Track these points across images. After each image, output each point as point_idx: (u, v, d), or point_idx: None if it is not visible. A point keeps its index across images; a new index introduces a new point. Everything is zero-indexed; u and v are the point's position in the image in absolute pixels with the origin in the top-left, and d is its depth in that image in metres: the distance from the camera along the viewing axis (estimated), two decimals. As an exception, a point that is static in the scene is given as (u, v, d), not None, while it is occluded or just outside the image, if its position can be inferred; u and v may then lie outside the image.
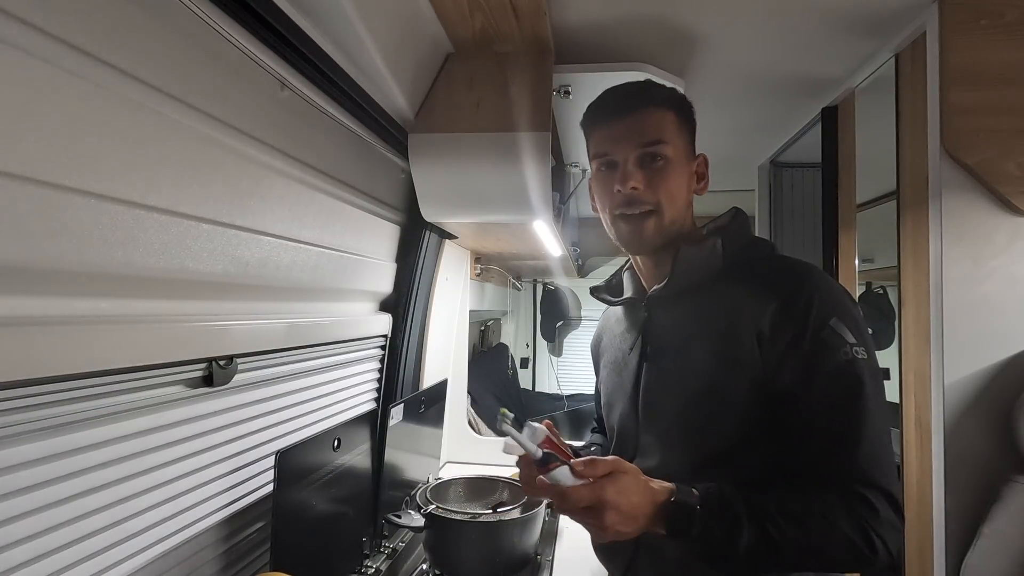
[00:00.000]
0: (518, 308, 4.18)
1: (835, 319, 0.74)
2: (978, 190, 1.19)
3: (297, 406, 1.14)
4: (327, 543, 1.03)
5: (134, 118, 0.64)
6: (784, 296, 0.77)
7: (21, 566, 0.60)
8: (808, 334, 0.74)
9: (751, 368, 0.76)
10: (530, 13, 1.12)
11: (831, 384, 0.73)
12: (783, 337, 0.75)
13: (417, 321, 1.60)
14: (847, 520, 0.68)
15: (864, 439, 0.70)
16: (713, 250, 0.84)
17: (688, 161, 0.87)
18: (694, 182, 0.88)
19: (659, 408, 0.85)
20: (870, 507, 0.68)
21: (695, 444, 0.81)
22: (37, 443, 0.62)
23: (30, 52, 0.51)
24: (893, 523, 0.69)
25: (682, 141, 0.86)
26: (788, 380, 0.74)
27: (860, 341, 0.74)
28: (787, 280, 0.79)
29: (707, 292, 0.83)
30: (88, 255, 0.61)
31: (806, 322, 0.74)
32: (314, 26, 0.85)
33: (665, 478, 0.75)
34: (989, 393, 1.17)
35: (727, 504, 0.69)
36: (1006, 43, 1.17)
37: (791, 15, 1.29)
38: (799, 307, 0.75)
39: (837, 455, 0.71)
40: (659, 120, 0.84)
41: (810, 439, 0.73)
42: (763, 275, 0.81)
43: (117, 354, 0.67)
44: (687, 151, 0.87)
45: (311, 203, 1.02)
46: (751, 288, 0.79)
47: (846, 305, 0.77)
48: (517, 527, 1.13)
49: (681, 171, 0.85)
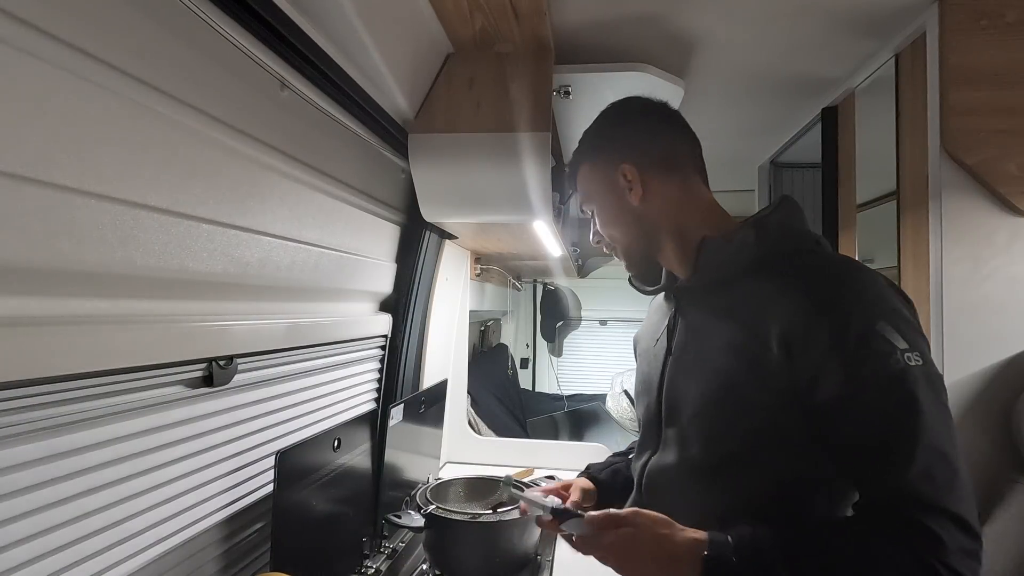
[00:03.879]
0: (518, 308, 4.18)
1: (882, 322, 0.66)
2: (978, 190, 1.19)
3: (297, 406, 1.14)
4: (327, 543, 1.03)
5: (134, 118, 0.64)
6: (820, 296, 0.69)
7: (21, 566, 0.60)
8: (850, 340, 0.65)
9: (777, 374, 0.69)
10: (530, 13, 1.12)
11: (880, 396, 0.64)
12: (818, 343, 0.67)
13: (417, 321, 1.60)
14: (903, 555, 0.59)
15: (918, 457, 0.61)
16: (744, 243, 0.79)
17: (611, 188, 0.87)
18: (626, 196, 0.86)
19: (680, 404, 0.81)
20: (932, 537, 0.58)
21: (713, 448, 0.76)
22: (37, 443, 0.61)
23: (30, 52, 0.51)
24: (965, 550, 0.59)
25: (596, 184, 0.90)
26: (828, 392, 0.66)
27: (913, 346, 0.65)
28: (824, 277, 0.71)
29: (737, 287, 0.78)
30: (88, 255, 0.61)
31: (847, 326, 0.66)
32: (314, 26, 0.85)
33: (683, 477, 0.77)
34: (989, 393, 1.17)
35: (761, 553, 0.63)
36: (1006, 43, 1.17)
37: (791, 15, 1.29)
38: (838, 309, 0.67)
39: (887, 476, 0.62)
40: (580, 180, 0.93)
41: (857, 459, 0.66)
42: (799, 271, 0.73)
43: (117, 354, 0.67)
44: (604, 185, 0.88)
45: (311, 203, 1.02)
46: (784, 285, 0.72)
47: (895, 305, 0.68)
48: (517, 527, 1.13)
49: (608, 207, 0.89)
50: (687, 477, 0.78)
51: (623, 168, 0.85)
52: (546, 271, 3.43)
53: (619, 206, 0.87)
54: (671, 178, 0.86)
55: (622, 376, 3.19)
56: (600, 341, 4.30)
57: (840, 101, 1.70)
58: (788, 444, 0.71)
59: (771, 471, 0.72)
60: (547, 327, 4.08)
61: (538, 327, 4.17)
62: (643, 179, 0.85)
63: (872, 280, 0.70)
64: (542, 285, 4.07)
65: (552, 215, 1.30)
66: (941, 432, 0.62)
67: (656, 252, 0.88)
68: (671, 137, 0.88)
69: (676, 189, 0.86)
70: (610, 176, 0.87)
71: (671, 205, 0.85)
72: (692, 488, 0.78)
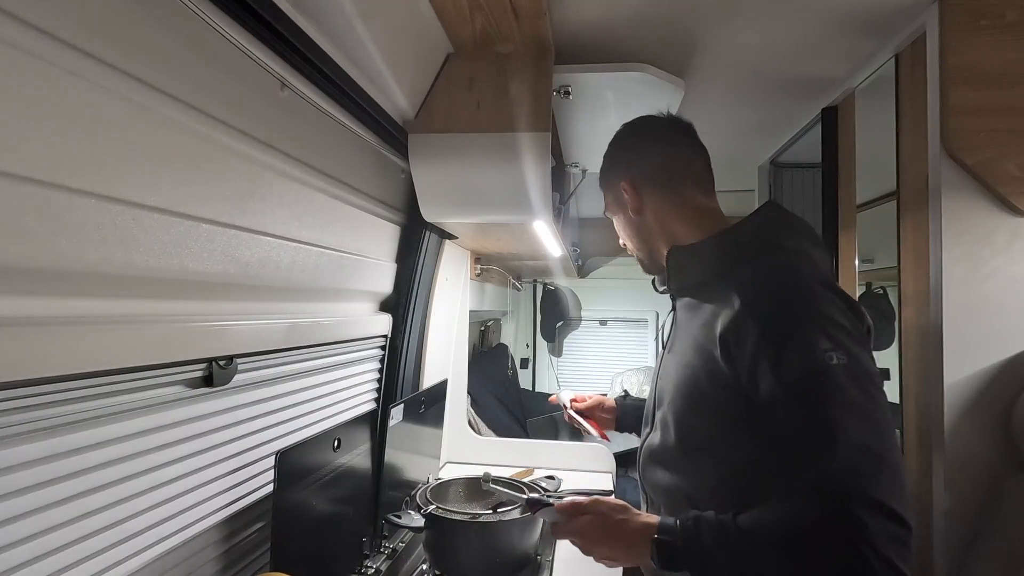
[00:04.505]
0: (518, 308, 4.18)
1: (806, 325, 0.72)
2: (978, 190, 1.19)
3: (297, 406, 1.14)
4: (327, 543, 1.03)
5: (134, 118, 0.64)
6: (750, 300, 0.76)
7: (21, 566, 0.60)
8: (774, 341, 0.72)
9: (723, 371, 0.77)
10: (530, 13, 1.12)
11: (802, 394, 0.69)
12: (747, 344, 0.74)
13: (417, 321, 1.60)
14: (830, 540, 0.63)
15: (838, 448, 0.65)
16: (704, 251, 0.89)
17: (618, 204, 1.01)
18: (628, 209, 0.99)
19: (664, 393, 0.91)
20: (854, 521, 0.61)
21: (682, 433, 0.86)
22: (37, 443, 0.61)
23: (30, 52, 0.51)
24: (889, 535, 0.61)
25: (610, 198, 1.04)
26: (762, 390, 0.72)
27: (837, 345, 0.69)
28: (758, 283, 0.78)
29: (703, 291, 0.88)
30: (88, 255, 0.61)
31: (771, 328, 0.73)
32: (314, 26, 0.85)
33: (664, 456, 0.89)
34: (989, 393, 1.17)
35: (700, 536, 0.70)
36: (1006, 43, 1.17)
37: (791, 15, 1.29)
38: (764, 313, 0.74)
39: (810, 468, 0.67)
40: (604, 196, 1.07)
41: (789, 452, 0.70)
42: (745, 276, 0.80)
43: (117, 354, 0.67)
44: (614, 198, 1.03)
45: (311, 203, 1.02)
46: (732, 289, 0.79)
47: (823, 311, 0.73)
48: (517, 527, 1.13)
49: (618, 218, 1.04)
50: (666, 457, 0.89)
51: (622, 185, 0.99)
52: (546, 271, 3.43)
53: (625, 218, 1.01)
54: (664, 191, 0.96)
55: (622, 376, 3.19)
56: (600, 341, 4.30)
57: (840, 101, 1.70)
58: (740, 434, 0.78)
59: (728, 457, 0.80)
60: (547, 327, 4.08)
61: (538, 327, 4.17)
62: (638, 194, 0.97)
63: (805, 287, 0.76)
64: (542, 285, 4.06)
65: (552, 215, 1.30)
66: (865, 426, 0.66)
67: (659, 256, 0.98)
68: (667, 153, 0.98)
69: (668, 200, 0.96)
70: (617, 192, 1.01)
71: (664, 215, 0.96)
72: (669, 467, 0.89)
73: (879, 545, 0.60)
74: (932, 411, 1.21)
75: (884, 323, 2.83)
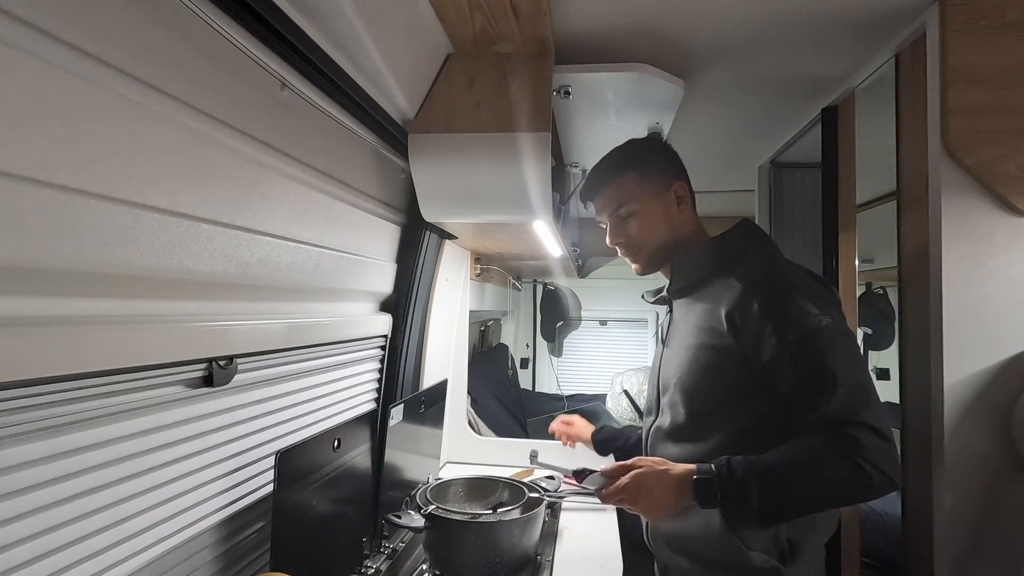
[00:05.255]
0: (518, 308, 4.18)
1: (797, 296, 0.90)
2: (978, 190, 1.19)
3: (297, 406, 1.14)
4: (327, 543, 1.03)
5: (134, 118, 0.64)
6: (751, 281, 0.95)
7: (21, 566, 0.60)
8: (774, 310, 0.89)
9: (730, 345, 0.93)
10: (530, 14, 1.12)
11: (804, 349, 0.87)
12: (752, 316, 0.91)
13: (417, 321, 1.60)
14: (835, 457, 0.81)
15: (839, 388, 0.83)
16: (705, 254, 1.06)
17: (659, 198, 1.07)
18: (674, 207, 1.08)
19: (668, 380, 1.05)
20: (852, 441, 0.80)
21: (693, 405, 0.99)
22: (37, 443, 0.61)
23: (30, 52, 0.51)
24: (879, 449, 0.80)
25: (647, 189, 1.08)
26: (767, 353, 0.89)
27: (823, 311, 0.89)
28: (755, 270, 0.97)
29: (705, 286, 1.03)
30: (88, 255, 0.61)
31: (771, 300, 0.91)
32: (314, 26, 0.85)
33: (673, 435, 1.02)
34: (989, 393, 1.17)
35: (733, 472, 0.85)
36: (1006, 43, 1.17)
37: (791, 16, 1.29)
38: (763, 290, 0.92)
39: (818, 406, 0.84)
40: (621, 187, 1.09)
41: (797, 398, 0.87)
42: (742, 269, 0.98)
43: (117, 354, 0.67)
44: (656, 191, 1.08)
45: (311, 203, 1.02)
46: (731, 279, 0.97)
47: (806, 284, 0.94)
48: (517, 527, 1.13)
49: (652, 213, 1.07)
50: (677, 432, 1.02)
51: (677, 185, 1.08)
52: (546, 271, 3.43)
53: (664, 215, 1.07)
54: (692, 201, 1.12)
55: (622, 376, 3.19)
56: (600, 341, 4.30)
57: (840, 101, 1.70)
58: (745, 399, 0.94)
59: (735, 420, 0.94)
60: (547, 327, 4.08)
61: (538, 327, 4.17)
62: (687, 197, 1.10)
63: (792, 271, 0.98)
64: (542, 285, 4.07)
65: (552, 215, 1.30)
66: (854, 367, 0.86)
67: (670, 256, 1.09)
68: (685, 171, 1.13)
69: (692, 209, 1.12)
70: (661, 188, 1.07)
71: (689, 221, 1.10)
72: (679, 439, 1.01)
73: (872, 457, 0.79)
74: (932, 411, 1.21)
75: (884, 323, 2.84)
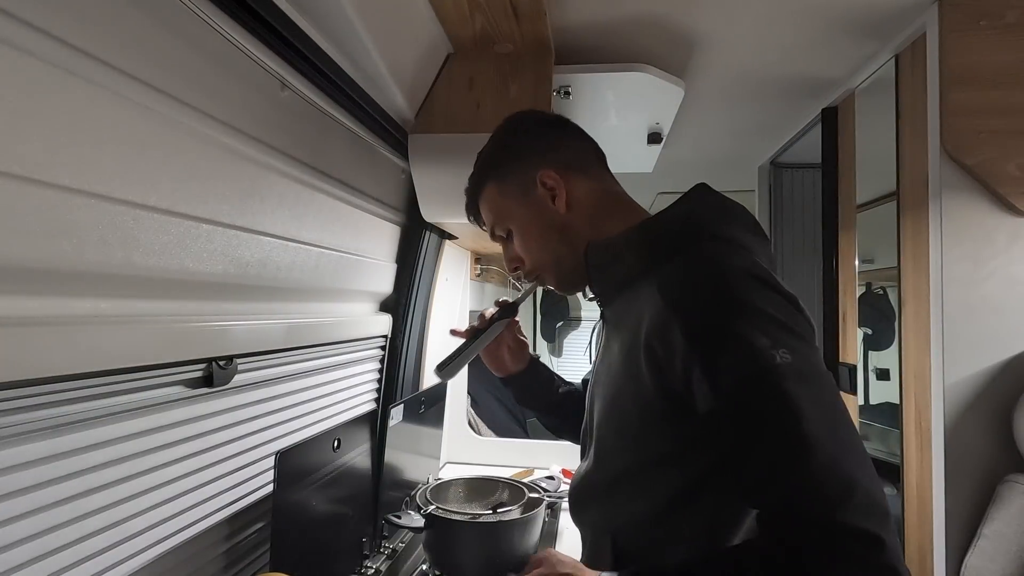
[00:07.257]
0: (518, 308, 4.18)
1: (738, 320, 0.58)
2: (978, 191, 1.19)
3: (297, 406, 1.14)
4: (327, 543, 1.03)
5: (134, 118, 0.63)
6: (672, 296, 0.63)
7: (21, 566, 0.60)
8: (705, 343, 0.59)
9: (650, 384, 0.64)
10: (530, 14, 1.12)
11: (747, 404, 0.56)
12: (675, 348, 0.60)
13: (417, 321, 1.60)
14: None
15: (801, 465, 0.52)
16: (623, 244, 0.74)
17: (527, 202, 0.81)
18: (549, 205, 0.79)
19: (592, 420, 0.79)
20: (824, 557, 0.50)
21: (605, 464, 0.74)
22: (37, 443, 0.61)
23: (30, 52, 0.51)
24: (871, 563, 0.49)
25: (511, 199, 0.83)
26: (702, 403, 0.59)
27: (777, 342, 0.56)
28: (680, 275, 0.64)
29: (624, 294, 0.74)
30: (88, 255, 0.61)
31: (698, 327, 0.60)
32: (314, 26, 0.85)
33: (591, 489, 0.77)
34: (989, 393, 1.17)
35: None
36: (1006, 44, 1.17)
37: (791, 16, 1.29)
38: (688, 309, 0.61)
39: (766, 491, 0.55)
40: (486, 205, 0.86)
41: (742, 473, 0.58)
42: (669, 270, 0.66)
43: (117, 354, 0.67)
44: (519, 197, 0.82)
45: (311, 203, 1.01)
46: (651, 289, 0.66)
47: (750, 302, 0.59)
48: (517, 527, 1.13)
49: (528, 223, 0.82)
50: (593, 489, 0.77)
51: (542, 176, 0.79)
52: (546, 271, 3.42)
53: (542, 218, 0.80)
54: (588, 180, 0.81)
55: (622, 376, 3.19)
56: (600, 341, 4.29)
57: (840, 101, 1.70)
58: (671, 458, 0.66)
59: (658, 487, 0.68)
60: (547, 327, 4.08)
61: (538, 327, 4.17)
62: (565, 183, 0.79)
63: (736, 281, 0.61)
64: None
65: (552, 215, 1.29)
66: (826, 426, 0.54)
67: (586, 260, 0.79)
68: (575, 140, 0.84)
69: (597, 190, 0.81)
70: (526, 188, 0.81)
71: (595, 207, 0.80)
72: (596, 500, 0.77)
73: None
74: (932, 411, 1.21)
75: (884, 323, 2.83)
